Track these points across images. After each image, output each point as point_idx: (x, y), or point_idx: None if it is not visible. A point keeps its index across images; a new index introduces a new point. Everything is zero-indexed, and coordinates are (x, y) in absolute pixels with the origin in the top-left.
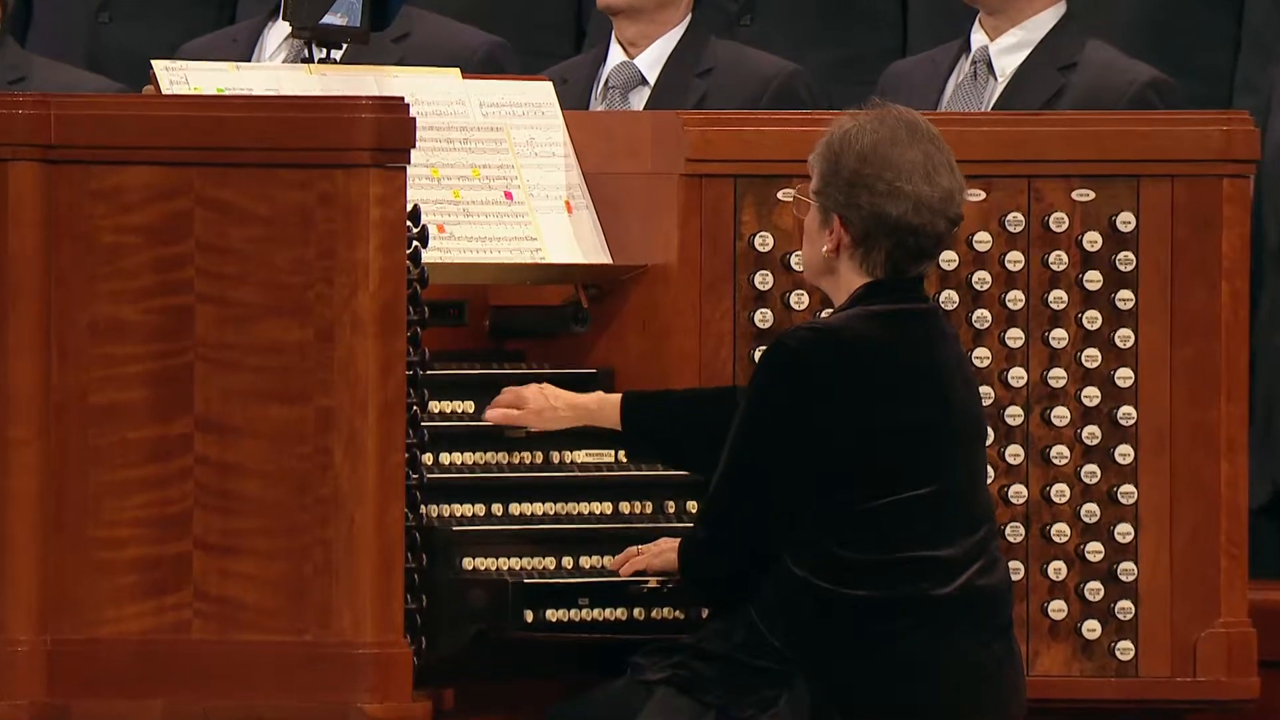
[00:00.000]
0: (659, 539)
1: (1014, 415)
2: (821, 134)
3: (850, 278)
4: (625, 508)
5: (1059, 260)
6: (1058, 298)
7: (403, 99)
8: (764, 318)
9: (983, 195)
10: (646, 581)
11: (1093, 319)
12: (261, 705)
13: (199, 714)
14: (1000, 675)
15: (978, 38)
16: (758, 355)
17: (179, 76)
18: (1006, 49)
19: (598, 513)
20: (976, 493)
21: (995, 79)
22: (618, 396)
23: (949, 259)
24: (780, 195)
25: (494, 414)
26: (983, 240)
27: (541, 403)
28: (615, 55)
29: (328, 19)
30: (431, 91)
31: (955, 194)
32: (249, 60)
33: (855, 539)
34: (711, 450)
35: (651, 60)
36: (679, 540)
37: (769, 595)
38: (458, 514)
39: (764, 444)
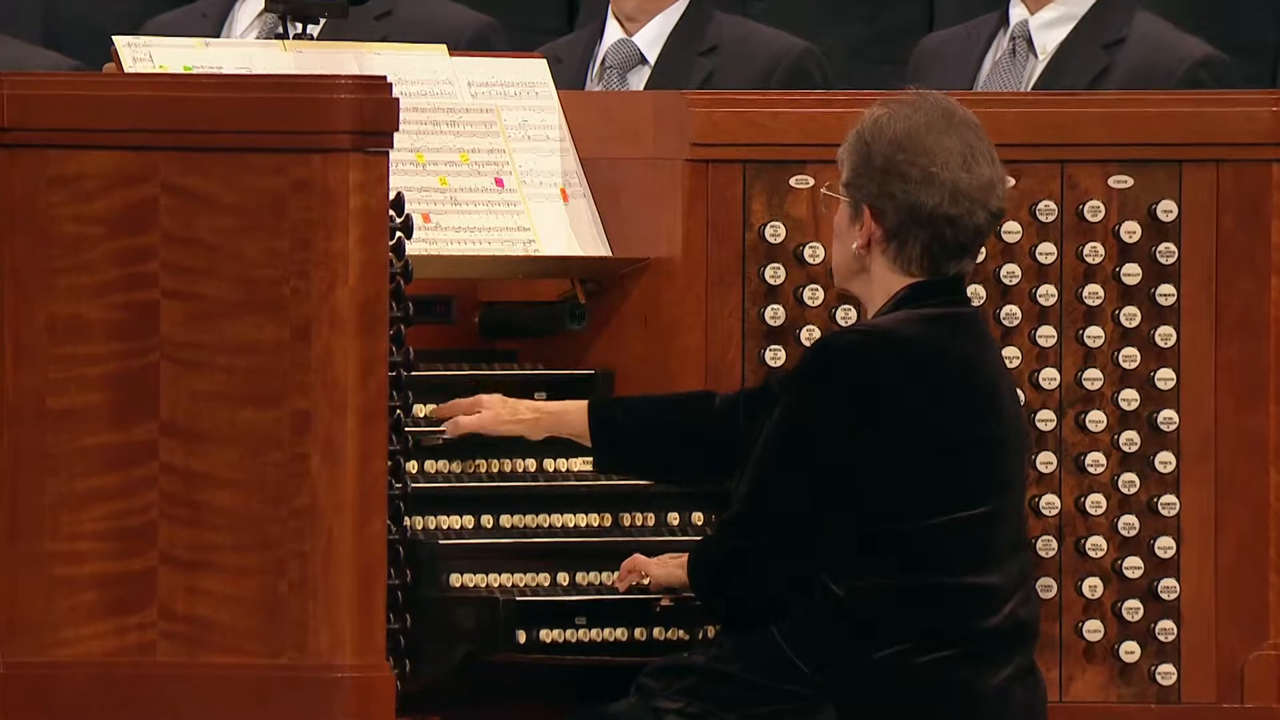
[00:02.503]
0: (663, 555)
1: (1046, 420)
2: (837, 115)
3: (884, 276)
4: (625, 519)
5: (1094, 252)
6: (1093, 293)
7: (385, 78)
8: (775, 314)
9: (1012, 182)
10: (660, 599)
11: (1131, 316)
12: None
13: None
14: (1033, 707)
15: (1016, 11)
16: (768, 355)
17: (142, 53)
18: (1047, 24)
19: (596, 525)
20: (1022, 513)
21: (1036, 57)
22: (583, 402)
23: None
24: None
25: (449, 425)
26: (1012, 231)
27: (500, 407)
28: (612, 32)
29: None
30: (416, 70)
31: (996, 184)
32: (219, 37)
33: (904, 561)
34: (683, 459)
35: (651, 37)
36: (688, 555)
37: (799, 615)
38: (444, 526)
39: (808, 457)
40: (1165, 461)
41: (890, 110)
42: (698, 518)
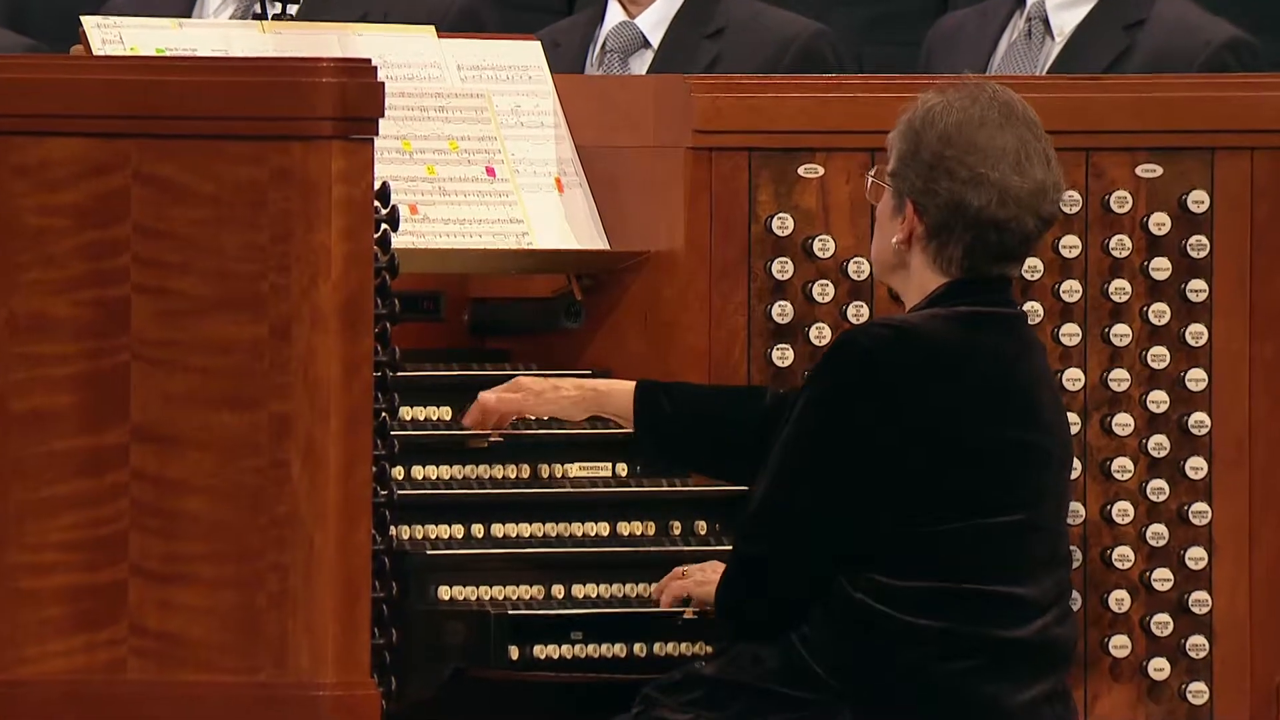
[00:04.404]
0: (707, 561)
1: (1070, 423)
2: (847, 101)
3: (922, 274)
4: (624, 528)
5: (1121, 245)
6: (1120, 288)
7: (369, 61)
8: (782, 311)
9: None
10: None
11: (1160, 313)
12: None
13: None
14: None
15: None
16: (775, 354)
17: (112, 35)
18: (1065, 4)
19: (593, 534)
20: (1061, 528)
21: (1053, 38)
22: (631, 383)
23: None
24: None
25: (485, 402)
26: None
27: (542, 383)
28: (614, 14)
29: None
30: (403, 52)
31: (1049, 188)
32: (189, 17)
33: (926, 565)
34: (730, 454)
35: (655, 20)
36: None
37: (817, 619)
38: (432, 536)
39: (829, 454)
40: (1196, 467)
41: (945, 99)
42: (701, 526)
